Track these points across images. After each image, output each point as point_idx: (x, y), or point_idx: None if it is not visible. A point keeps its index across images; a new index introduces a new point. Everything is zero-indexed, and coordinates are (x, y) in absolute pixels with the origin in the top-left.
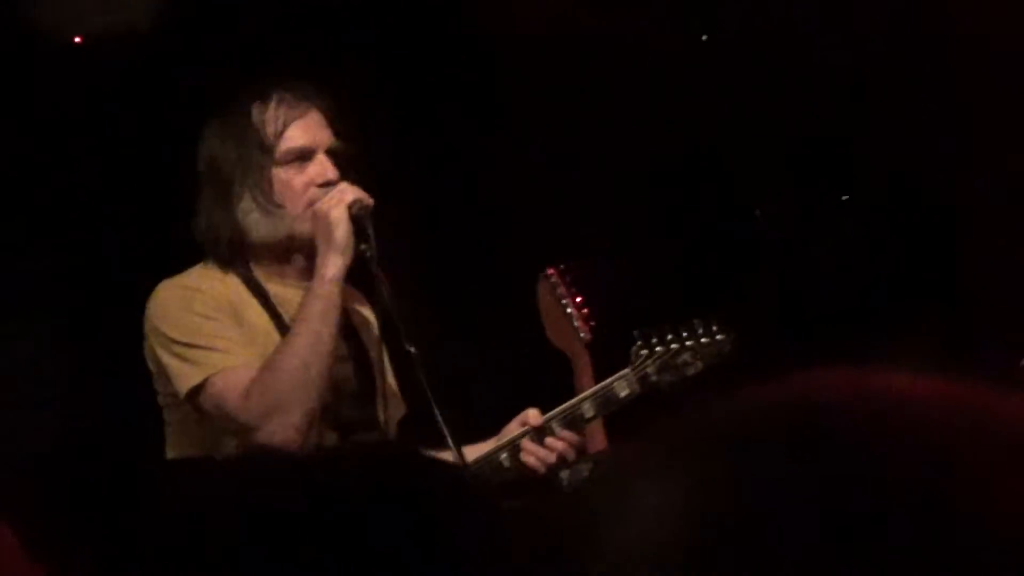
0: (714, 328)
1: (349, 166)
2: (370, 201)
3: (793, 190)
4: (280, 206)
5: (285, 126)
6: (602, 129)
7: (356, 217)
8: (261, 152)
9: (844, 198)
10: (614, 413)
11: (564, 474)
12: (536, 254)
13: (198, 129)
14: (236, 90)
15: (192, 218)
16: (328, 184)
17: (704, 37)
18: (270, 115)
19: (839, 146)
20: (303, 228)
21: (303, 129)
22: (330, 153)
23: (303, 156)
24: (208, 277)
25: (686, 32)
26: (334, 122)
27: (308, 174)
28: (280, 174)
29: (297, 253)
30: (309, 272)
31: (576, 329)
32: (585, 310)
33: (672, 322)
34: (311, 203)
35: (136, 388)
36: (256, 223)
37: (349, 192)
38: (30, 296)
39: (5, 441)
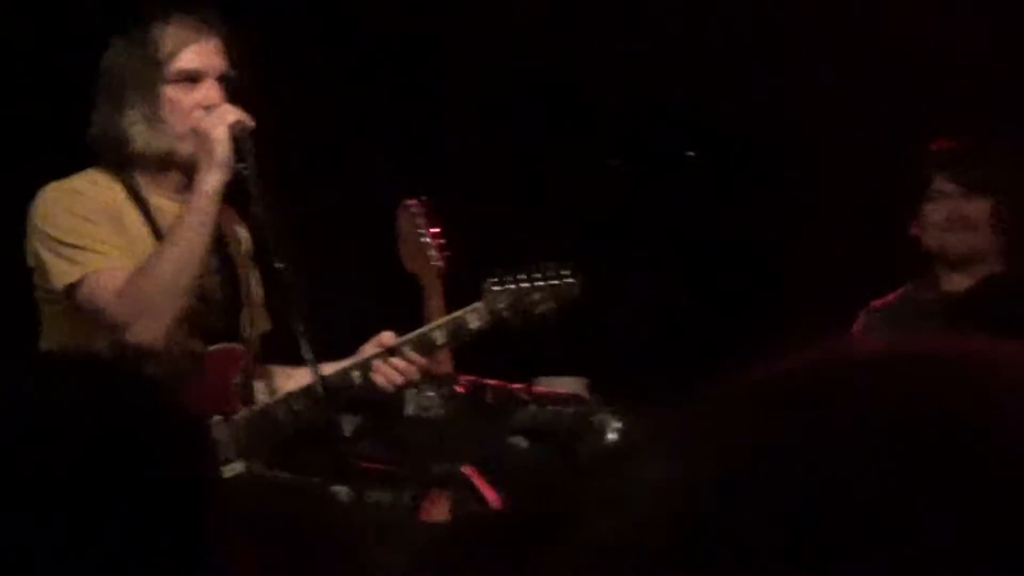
0: (564, 272)
1: (240, 95)
2: (251, 123)
3: (646, 145)
4: (164, 122)
5: (180, 47)
6: (476, 72)
7: (237, 137)
8: (153, 68)
9: (690, 154)
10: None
11: (409, 394)
12: (401, 187)
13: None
14: (142, 8)
15: (88, 125)
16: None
17: None
18: (168, 34)
19: (693, 107)
20: (183, 147)
21: (197, 52)
22: (221, 80)
23: (193, 78)
24: (94, 182)
25: None
26: (231, 51)
27: (195, 97)
28: (169, 92)
29: (175, 169)
30: (189, 188)
31: (430, 257)
32: (440, 240)
33: (525, 265)
34: (195, 125)
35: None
36: (139, 133)
37: (231, 113)
38: None
39: None
